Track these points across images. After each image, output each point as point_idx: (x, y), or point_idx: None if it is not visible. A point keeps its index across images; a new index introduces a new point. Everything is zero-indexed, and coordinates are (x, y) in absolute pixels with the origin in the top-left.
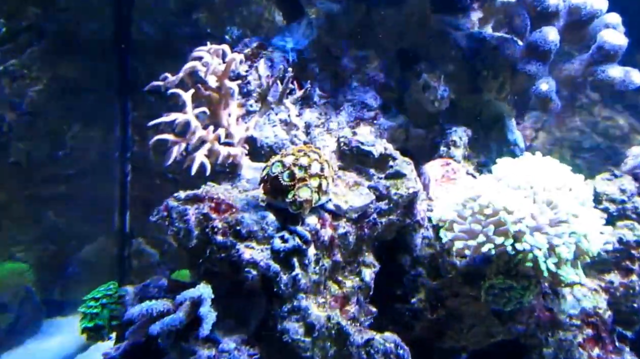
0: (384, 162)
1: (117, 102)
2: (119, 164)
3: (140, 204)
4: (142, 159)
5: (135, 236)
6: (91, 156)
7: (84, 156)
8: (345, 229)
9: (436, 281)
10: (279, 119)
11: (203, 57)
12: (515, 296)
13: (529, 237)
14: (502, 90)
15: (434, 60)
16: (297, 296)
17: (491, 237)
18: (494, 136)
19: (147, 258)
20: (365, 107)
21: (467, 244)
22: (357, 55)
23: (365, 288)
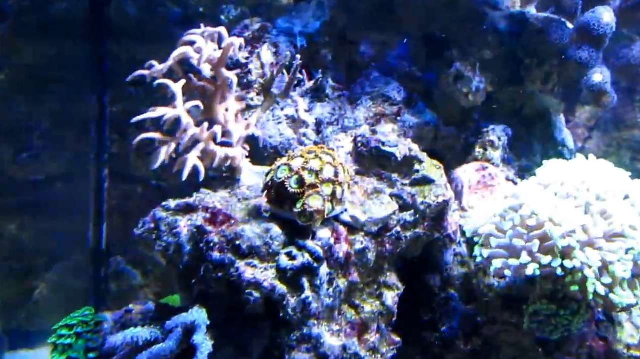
0: (408, 165)
1: (93, 95)
2: (95, 168)
3: (119, 216)
4: (122, 162)
5: (113, 253)
6: (62, 159)
7: (53, 159)
8: (363, 245)
9: (470, 305)
10: (285, 115)
11: (196, 41)
12: (562, 322)
13: (579, 253)
14: (548, 81)
15: (467, 46)
16: (308, 323)
17: (536, 255)
18: (539, 135)
19: (127, 280)
20: (386, 101)
21: (508, 263)
22: (377, 40)
23: (387, 314)
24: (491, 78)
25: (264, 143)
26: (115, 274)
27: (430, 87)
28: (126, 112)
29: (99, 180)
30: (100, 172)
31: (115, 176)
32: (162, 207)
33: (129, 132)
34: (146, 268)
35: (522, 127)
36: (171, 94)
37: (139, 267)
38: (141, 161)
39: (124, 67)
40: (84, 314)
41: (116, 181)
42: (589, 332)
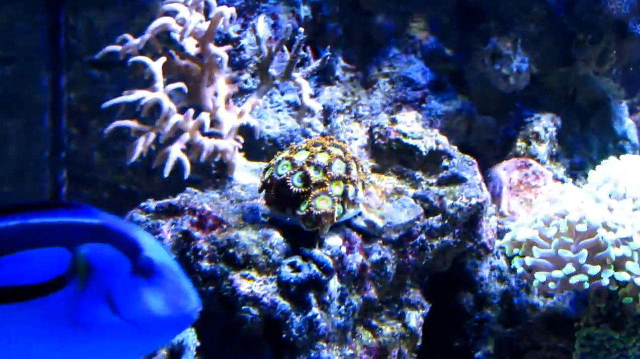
0: (435, 162)
1: (46, 78)
2: (49, 169)
3: None
4: (83, 162)
5: None
6: (9, 157)
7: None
8: (381, 256)
9: (510, 328)
10: (286, 101)
11: (178, 11)
12: (617, 346)
13: (633, 264)
14: (604, 61)
15: (507, 18)
16: (316, 346)
17: (584, 266)
18: (595, 127)
19: None
20: (409, 85)
21: (552, 276)
22: (398, 10)
23: (410, 337)
24: (536, 57)
25: (260, 135)
26: None
27: (462, 68)
28: (88, 100)
29: (54, 183)
30: (56, 175)
31: (76, 180)
32: (140, 208)
33: (92, 126)
34: None
35: (575, 117)
36: (149, 75)
37: None
38: (108, 161)
39: (85, 43)
40: None
41: (77, 186)
42: None
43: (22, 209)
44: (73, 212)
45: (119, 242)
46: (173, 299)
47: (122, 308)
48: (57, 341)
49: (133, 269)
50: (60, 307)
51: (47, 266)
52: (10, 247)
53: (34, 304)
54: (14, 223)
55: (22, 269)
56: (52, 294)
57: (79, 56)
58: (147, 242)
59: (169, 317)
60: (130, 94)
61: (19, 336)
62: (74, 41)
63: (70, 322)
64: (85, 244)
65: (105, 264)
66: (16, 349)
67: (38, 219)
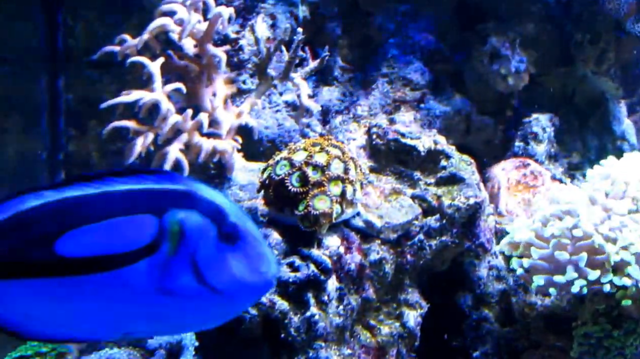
0: (433, 161)
1: (44, 79)
2: (47, 169)
3: None
4: (81, 162)
5: None
6: (6, 157)
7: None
8: (379, 255)
9: (508, 327)
10: (284, 101)
11: (176, 12)
12: (615, 344)
13: (632, 268)
14: (602, 61)
15: (506, 18)
16: (314, 345)
17: (583, 270)
18: (593, 127)
19: None
20: (407, 85)
21: (552, 279)
22: (397, 10)
23: (408, 337)
24: (535, 57)
25: (259, 135)
26: None
27: (461, 68)
28: (86, 101)
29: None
30: (54, 175)
31: None
32: None
33: (90, 126)
34: None
35: (573, 117)
36: (148, 75)
37: None
38: (106, 161)
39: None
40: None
41: None
42: None
43: (106, 176)
44: (157, 178)
45: (204, 208)
46: (255, 265)
47: (208, 274)
48: (143, 308)
49: (219, 235)
50: (148, 274)
51: (135, 233)
52: (97, 215)
53: (122, 273)
54: (99, 190)
55: (110, 237)
56: (141, 262)
57: (77, 56)
58: (231, 208)
59: (251, 283)
60: (128, 94)
61: (107, 304)
62: (72, 41)
63: (157, 289)
64: (173, 210)
65: (193, 230)
66: (104, 317)
67: (123, 186)
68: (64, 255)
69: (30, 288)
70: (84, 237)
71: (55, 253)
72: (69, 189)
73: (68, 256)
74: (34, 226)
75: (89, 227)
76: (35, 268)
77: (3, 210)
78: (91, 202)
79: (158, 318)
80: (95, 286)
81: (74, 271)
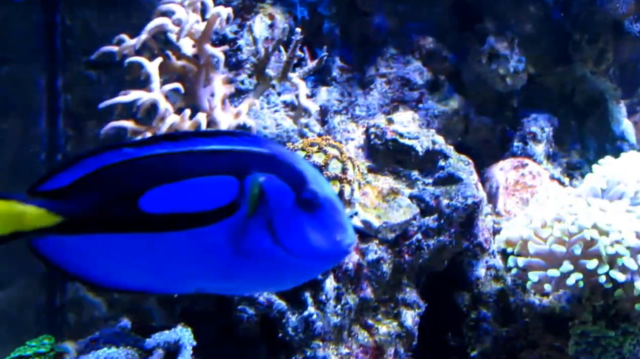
0: (431, 161)
1: (42, 79)
2: (46, 170)
3: None
4: None
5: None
6: (4, 157)
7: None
8: (377, 255)
9: (506, 327)
10: (282, 101)
11: (174, 11)
12: (612, 343)
13: (628, 260)
14: (601, 61)
15: (504, 18)
16: (311, 344)
17: (579, 262)
18: (592, 127)
19: (88, 310)
20: (406, 85)
21: (547, 275)
22: (396, 10)
23: (406, 336)
24: (533, 57)
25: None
26: (73, 303)
27: (459, 68)
28: (84, 101)
29: None
30: None
31: None
32: None
33: (89, 126)
34: (112, 296)
35: (572, 117)
36: (145, 75)
37: (103, 295)
38: None
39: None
40: (42, 343)
41: None
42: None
43: (192, 136)
44: (241, 140)
45: (285, 173)
46: (331, 233)
47: (284, 238)
48: (219, 266)
49: (297, 200)
50: (225, 234)
51: (215, 193)
52: (180, 174)
53: (201, 231)
54: (183, 150)
55: (191, 196)
56: (220, 222)
57: (75, 57)
58: (312, 174)
59: (325, 250)
60: (126, 95)
61: (184, 261)
62: (70, 42)
63: (233, 248)
64: (255, 173)
65: (272, 194)
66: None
67: (207, 146)
68: (146, 211)
69: (112, 242)
70: (166, 195)
71: (138, 209)
72: (153, 147)
73: (150, 212)
74: (118, 182)
75: (172, 185)
76: (118, 223)
77: (85, 166)
78: (175, 161)
79: (232, 276)
80: (174, 242)
81: (155, 227)
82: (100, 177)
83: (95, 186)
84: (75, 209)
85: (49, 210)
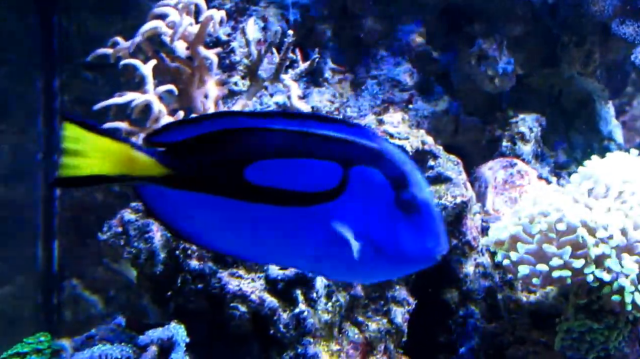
0: (421, 161)
1: (39, 81)
2: (43, 171)
3: (74, 230)
4: None
5: (67, 276)
6: (2, 157)
7: None
8: None
9: (494, 323)
10: (275, 102)
11: (168, 14)
12: (598, 339)
13: (612, 260)
14: (588, 62)
15: (493, 20)
16: (303, 341)
17: (568, 261)
18: (579, 127)
19: (85, 308)
20: (396, 86)
21: (536, 269)
22: (386, 13)
23: (396, 333)
24: (522, 59)
25: None
26: (70, 300)
27: (449, 69)
28: (80, 102)
29: (48, 186)
30: (49, 176)
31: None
32: (130, 208)
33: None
34: (108, 293)
35: (560, 118)
36: (140, 77)
37: (99, 293)
38: None
39: (77, 44)
40: (39, 340)
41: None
42: (630, 353)
43: (308, 118)
44: (354, 130)
45: (390, 171)
46: (423, 239)
47: (375, 233)
48: (309, 247)
49: (396, 200)
50: (321, 218)
51: (319, 176)
52: (289, 152)
53: (299, 210)
54: (297, 129)
55: (296, 175)
56: (318, 205)
57: (72, 58)
58: (415, 177)
59: (414, 254)
60: (121, 96)
61: (278, 235)
62: (67, 43)
63: (326, 233)
64: (361, 166)
65: (373, 189)
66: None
67: (319, 130)
68: (250, 181)
69: (212, 203)
70: (272, 169)
71: (243, 177)
72: (268, 121)
73: (254, 182)
74: (228, 147)
75: (279, 161)
76: (221, 187)
77: (200, 126)
78: (286, 138)
79: (319, 259)
80: (272, 216)
81: (256, 198)
82: (212, 139)
83: (206, 146)
84: (183, 165)
85: (159, 161)
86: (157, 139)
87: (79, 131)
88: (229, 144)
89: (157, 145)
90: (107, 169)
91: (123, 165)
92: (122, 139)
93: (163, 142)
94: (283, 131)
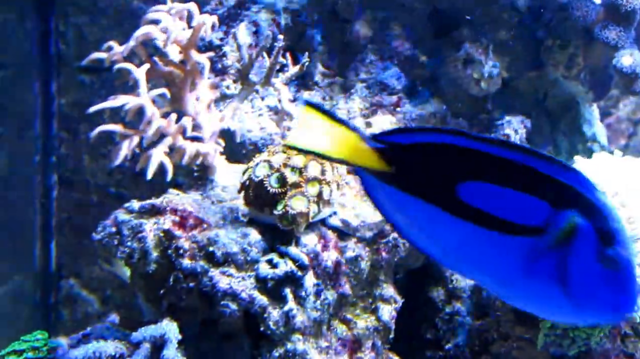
0: None
1: (37, 84)
2: (40, 173)
3: (71, 230)
4: (72, 165)
5: (64, 275)
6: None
7: None
8: (355, 253)
9: (480, 320)
10: (266, 105)
11: (161, 20)
12: (580, 335)
13: None
14: (572, 66)
15: (479, 25)
16: (292, 338)
17: None
18: (564, 129)
19: (82, 307)
20: (384, 90)
21: None
22: (375, 17)
23: (383, 330)
24: (507, 62)
25: (241, 138)
26: (67, 299)
27: (436, 73)
28: (77, 105)
29: (45, 187)
30: (47, 178)
31: (66, 182)
32: (124, 209)
33: (81, 129)
34: (105, 293)
35: (545, 120)
36: (133, 81)
37: (96, 292)
38: (97, 164)
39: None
40: (36, 338)
41: (67, 189)
42: (611, 348)
43: (527, 153)
44: (571, 175)
45: (600, 224)
46: (617, 296)
47: (570, 280)
48: (500, 273)
49: (599, 253)
50: (521, 250)
51: (527, 210)
52: (504, 180)
53: (503, 238)
54: (516, 159)
55: (505, 203)
56: (522, 238)
57: (68, 62)
58: (623, 236)
59: (603, 309)
60: (115, 99)
61: (475, 253)
62: (63, 47)
63: (520, 265)
64: (574, 212)
65: (581, 238)
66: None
67: (537, 167)
68: (460, 197)
69: (421, 208)
70: (484, 192)
71: (454, 192)
72: (488, 146)
73: (464, 200)
74: (447, 161)
75: (492, 186)
76: (432, 195)
77: (425, 135)
78: (503, 166)
79: (510, 287)
80: (475, 236)
81: (463, 215)
82: (434, 150)
83: (427, 155)
84: (403, 166)
85: (382, 158)
86: (384, 137)
87: (317, 113)
88: (449, 158)
89: (382, 142)
90: (334, 152)
91: (348, 152)
92: (353, 128)
93: (389, 142)
94: (501, 158)
